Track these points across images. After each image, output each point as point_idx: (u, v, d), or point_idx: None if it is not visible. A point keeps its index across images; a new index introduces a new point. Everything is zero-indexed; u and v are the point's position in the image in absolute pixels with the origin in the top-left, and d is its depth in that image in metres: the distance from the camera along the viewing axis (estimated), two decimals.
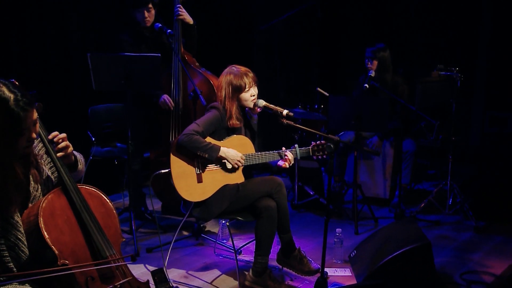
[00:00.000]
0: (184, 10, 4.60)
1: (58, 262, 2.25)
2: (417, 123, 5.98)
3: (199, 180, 3.59)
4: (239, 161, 3.62)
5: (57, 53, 5.37)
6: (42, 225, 2.27)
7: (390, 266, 3.36)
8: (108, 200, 2.54)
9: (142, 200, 4.97)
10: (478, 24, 6.98)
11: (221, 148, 3.57)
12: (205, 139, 3.58)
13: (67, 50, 5.46)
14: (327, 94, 5.26)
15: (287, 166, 3.68)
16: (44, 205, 2.31)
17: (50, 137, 2.40)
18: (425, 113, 5.13)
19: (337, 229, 4.17)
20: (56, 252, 2.25)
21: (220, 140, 3.66)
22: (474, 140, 7.06)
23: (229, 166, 3.63)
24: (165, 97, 4.62)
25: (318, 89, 5.52)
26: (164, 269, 3.43)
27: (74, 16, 5.45)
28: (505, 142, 6.55)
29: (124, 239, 2.58)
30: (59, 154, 2.41)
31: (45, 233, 2.26)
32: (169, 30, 4.45)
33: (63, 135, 2.43)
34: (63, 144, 2.42)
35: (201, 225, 4.59)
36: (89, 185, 2.53)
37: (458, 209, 5.11)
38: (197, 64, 4.80)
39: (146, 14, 4.53)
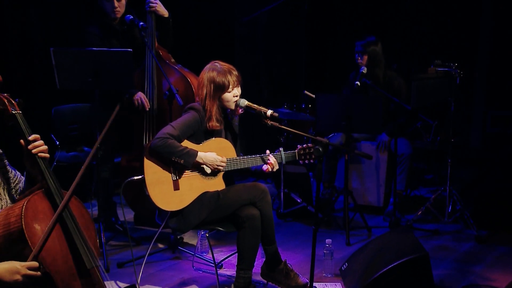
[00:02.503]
0: (157, 0, 4.61)
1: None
2: (413, 124, 6.02)
3: (176, 187, 3.59)
4: (219, 165, 3.63)
5: (16, 47, 5.33)
6: (24, 228, 2.27)
7: (385, 280, 3.39)
8: (86, 211, 2.57)
9: (113, 210, 4.96)
10: (479, 14, 7.06)
11: (199, 153, 3.57)
12: (182, 143, 3.59)
13: (27, 44, 5.43)
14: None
15: (270, 171, 3.70)
16: (27, 207, 2.32)
17: (30, 138, 2.44)
18: (421, 113, 5.16)
19: (326, 240, 4.19)
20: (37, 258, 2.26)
21: (198, 143, 3.67)
22: (475, 142, 7.14)
23: (208, 170, 3.64)
24: (140, 94, 4.61)
25: (306, 92, 5.54)
26: (137, 286, 3.43)
27: (35, 6, 5.42)
28: (508, 143, 6.63)
29: (100, 254, 2.60)
30: (40, 155, 2.45)
31: (27, 237, 2.27)
32: (141, 23, 4.45)
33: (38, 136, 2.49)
34: (42, 146, 2.46)
35: (178, 237, 4.59)
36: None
37: (458, 217, 5.16)
38: (172, 60, 4.80)
39: (116, 3, 4.52)
